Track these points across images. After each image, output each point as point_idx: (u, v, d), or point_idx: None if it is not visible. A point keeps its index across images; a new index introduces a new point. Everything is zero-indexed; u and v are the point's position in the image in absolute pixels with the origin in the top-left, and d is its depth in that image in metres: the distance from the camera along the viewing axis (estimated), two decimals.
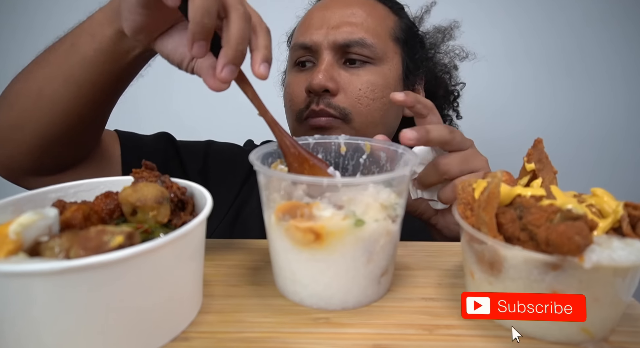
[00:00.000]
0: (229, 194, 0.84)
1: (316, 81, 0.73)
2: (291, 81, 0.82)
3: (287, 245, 0.40)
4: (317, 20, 0.80)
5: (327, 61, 0.76)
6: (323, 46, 0.77)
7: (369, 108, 0.76)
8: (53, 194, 0.42)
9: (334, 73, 0.76)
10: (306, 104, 0.77)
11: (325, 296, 0.40)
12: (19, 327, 0.29)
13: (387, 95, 0.77)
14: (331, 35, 0.76)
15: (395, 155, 0.47)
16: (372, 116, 0.77)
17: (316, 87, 0.74)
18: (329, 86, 0.74)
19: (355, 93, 0.76)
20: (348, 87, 0.76)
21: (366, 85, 0.76)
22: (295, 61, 0.82)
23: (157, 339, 0.35)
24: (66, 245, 0.31)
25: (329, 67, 0.75)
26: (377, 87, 0.77)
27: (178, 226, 0.39)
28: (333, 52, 0.76)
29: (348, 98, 0.76)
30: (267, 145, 0.47)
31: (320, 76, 0.73)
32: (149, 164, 0.44)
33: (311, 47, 0.78)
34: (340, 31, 0.76)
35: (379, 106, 0.78)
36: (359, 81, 0.76)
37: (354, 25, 0.77)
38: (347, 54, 0.77)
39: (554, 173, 0.44)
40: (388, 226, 0.40)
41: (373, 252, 0.39)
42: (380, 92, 0.77)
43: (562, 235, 0.32)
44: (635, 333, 0.38)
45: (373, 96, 0.76)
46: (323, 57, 0.76)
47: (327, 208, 0.38)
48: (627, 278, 0.34)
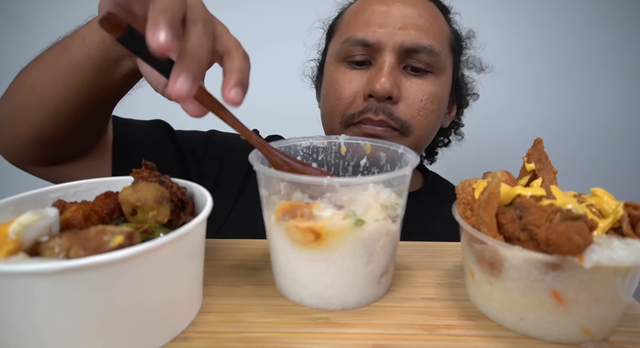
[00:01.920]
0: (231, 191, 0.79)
1: (381, 87, 0.67)
2: (341, 78, 0.74)
3: (287, 245, 0.40)
4: (379, 16, 0.72)
5: (389, 64, 0.70)
6: (387, 47, 0.70)
7: (428, 121, 0.72)
8: (53, 194, 0.42)
9: (396, 79, 0.70)
10: (361, 109, 0.71)
11: (325, 296, 0.40)
12: (18, 327, 0.29)
13: (442, 108, 0.75)
14: (398, 36, 0.70)
15: (395, 155, 0.47)
16: (429, 129, 0.74)
17: (381, 93, 0.68)
18: (393, 93, 0.68)
19: (417, 104, 0.71)
20: (409, 97, 0.71)
21: (427, 96, 0.71)
22: (346, 57, 0.74)
23: (157, 339, 0.35)
24: (66, 245, 0.31)
25: (393, 71, 0.70)
26: (436, 99, 0.73)
27: (178, 226, 0.39)
28: (396, 55, 0.70)
29: (409, 109, 0.71)
30: None
31: (384, 80, 0.68)
32: (149, 164, 0.44)
33: (373, 45, 0.71)
34: (409, 34, 0.70)
35: (435, 119, 0.74)
36: (421, 91, 0.71)
37: (421, 30, 0.71)
38: (409, 60, 0.71)
39: (554, 173, 0.44)
40: (388, 226, 0.40)
41: (373, 252, 0.39)
42: (438, 105, 0.73)
43: (562, 235, 0.32)
44: (636, 333, 0.38)
45: (432, 108, 0.72)
46: (385, 59, 0.70)
47: (327, 208, 0.38)
48: (627, 278, 0.34)
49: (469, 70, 0.92)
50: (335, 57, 0.77)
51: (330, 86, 0.76)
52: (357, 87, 0.72)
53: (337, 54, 0.76)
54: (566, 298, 0.34)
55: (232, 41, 0.39)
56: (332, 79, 0.76)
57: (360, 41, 0.72)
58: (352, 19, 0.76)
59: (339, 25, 0.80)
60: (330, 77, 0.77)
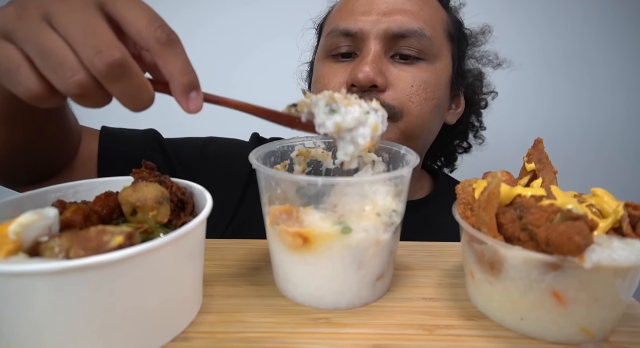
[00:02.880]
0: (229, 200, 0.76)
1: (363, 74, 0.63)
2: (325, 72, 0.71)
3: (280, 247, 0.40)
4: (363, 4, 0.69)
5: (374, 52, 0.65)
6: (371, 35, 0.66)
7: (420, 108, 0.67)
8: (53, 194, 0.42)
9: (382, 67, 0.65)
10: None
11: (316, 296, 0.40)
12: (18, 327, 0.29)
13: (438, 97, 0.69)
14: (383, 22, 0.66)
15: (397, 156, 0.46)
16: (422, 118, 0.68)
17: (363, 81, 0.63)
18: (377, 81, 0.63)
19: (406, 90, 0.66)
20: (398, 84, 0.66)
21: (419, 82, 0.66)
22: (331, 50, 0.71)
23: (157, 339, 0.35)
24: (66, 245, 0.31)
25: (377, 58, 0.65)
26: (430, 87, 0.67)
27: (178, 226, 0.39)
28: (382, 43, 0.66)
29: (398, 95, 0.66)
30: (269, 144, 0.46)
31: (367, 68, 0.63)
32: (149, 164, 0.44)
33: (356, 34, 0.67)
34: (395, 20, 0.66)
35: (430, 108, 0.68)
36: (412, 77, 0.66)
37: (409, 14, 0.67)
38: (397, 47, 0.67)
39: (554, 173, 0.44)
40: (379, 236, 0.39)
41: (363, 260, 0.39)
42: (432, 93, 0.68)
43: (562, 235, 0.32)
44: (636, 333, 0.38)
45: (425, 95, 0.67)
46: (369, 47, 0.66)
47: (316, 213, 0.38)
48: (627, 278, 0.34)
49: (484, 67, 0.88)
50: (321, 52, 0.74)
51: (316, 81, 0.73)
52: (342, 79, 0.68)
53: (322, 49, 0.74)
54: (566, 298, 0.34)
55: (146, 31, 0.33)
56: (317, 74, 0.73)
57: (342, 32, 0.68)
58: (337, 12, 0.74)
59: (327, 21, 0.78)
60: (316, 72, 0.75)
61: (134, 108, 0.36)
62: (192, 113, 0.36)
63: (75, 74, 0.32)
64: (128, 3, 0.34)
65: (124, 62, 0.32)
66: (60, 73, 0.32)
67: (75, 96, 0.33)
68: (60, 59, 0.32)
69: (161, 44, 0.33)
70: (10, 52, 0.33)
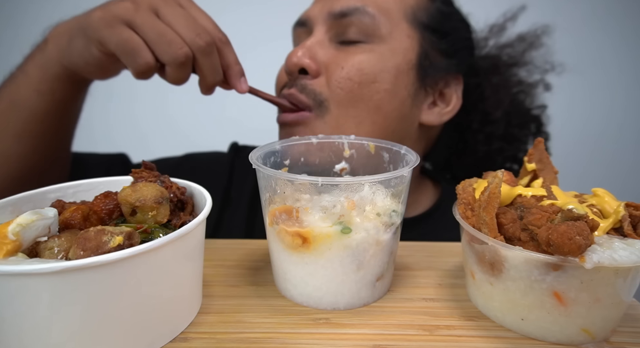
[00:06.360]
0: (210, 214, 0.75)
1: (288, 59, 0.61)
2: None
3: (279, 247, 0.40)
4: None
5: (315, 37, 0.62)
6: (319, 20, 0.63)
7: (351, 95, 0.60)
8: (52, 194, 0.42)
9: (320, 51, 0.61)
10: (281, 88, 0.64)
11: (314, 296, 0.40)
12: (18, 327, 0.29)
13: (383, 82, 0.61)
14: (327, 5, 0.63)
15: (397, 156, 0.46)
16: (355, 107, 0.60)
17: (290, 67, 0.61)
18: (304, 64, 0.60)
19: (336, 74, 0.60)
20: (330, 68, 0.61)
21: (352, 64, 0.60)
22: (295, 44, 0.70)
23: (157, 339, 0.34)
24: (65, 245, 0.31)
25: (315, 43, 0.62)
26: (368, 70, 0.60)
27: (177, 227, 0.39)
28: (327, 27, 0.63)
29: (327, 81, 0.61)
30: (269, 144, 0.46)
31: (299, 53, 0.60)
32: (149, 164, 0.43)
33: (306, 22, 0.65)
34: (339, 1, 0.62)
35: (367, 95, 0.60)
36: (344, 59, 0.60)
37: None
38: (344, 31, 0.62)
39: (555, 173, 0.44)
40: (379, 236, 0.39)
41: (363, 261, 0.39)
42: (372, 77, 0.60)
43: (563, 235, 0.32)
44: (636, 333, 0.38)
45: (359, 79, 0.60)
46: (314, 33, 0.63)
47: (316, 213, 0.38)
48: (628, 279, 0.34)
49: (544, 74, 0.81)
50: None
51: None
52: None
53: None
54: (567, 298, 0.34)
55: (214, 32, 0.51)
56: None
57: (297, 23, 0.67)
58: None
59: None
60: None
61: (212, 80, 0.52)
62: (243, 93, 0.55)
63: (183, 47, 0.48)
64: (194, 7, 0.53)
65: (214, 43, 0.50)
66: (173, 47, 0.48)
67: (178, 65, 0.49)
68: (171, 38, 0.48)
69: (222, 43, 0.52)
70: (132, 36, 0.48)
